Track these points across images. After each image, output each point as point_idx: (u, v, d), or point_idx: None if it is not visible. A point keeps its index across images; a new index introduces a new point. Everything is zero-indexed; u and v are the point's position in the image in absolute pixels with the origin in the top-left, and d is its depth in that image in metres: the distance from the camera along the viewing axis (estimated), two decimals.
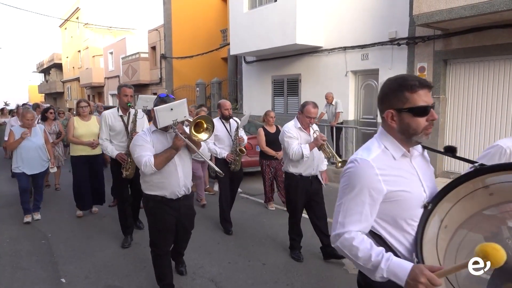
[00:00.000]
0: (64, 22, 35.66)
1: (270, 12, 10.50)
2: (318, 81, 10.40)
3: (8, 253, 4.37)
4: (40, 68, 48.55)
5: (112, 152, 4.48)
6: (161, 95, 3.00)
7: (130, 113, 4.54)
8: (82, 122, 5.60)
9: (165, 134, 2.99)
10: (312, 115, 3.87)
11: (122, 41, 25.35)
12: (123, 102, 4.48)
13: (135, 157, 2.90)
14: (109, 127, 4.51)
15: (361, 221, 1.46)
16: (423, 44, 7.90)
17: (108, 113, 4.54)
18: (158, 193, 3.03)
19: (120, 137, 4.52)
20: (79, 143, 5.52)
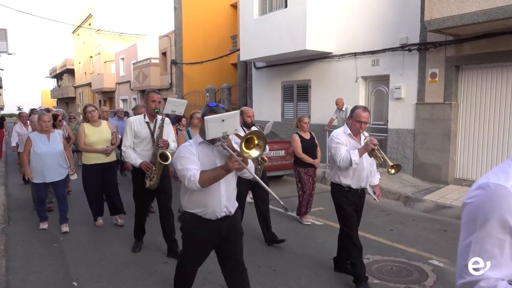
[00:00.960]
0: (77, 28, 36.26)
1: (280, 18, 10.55)
2: (328, 86, 10.38)
3: (21, 256, 4.42)
4: (53, 74, 49.38)
5: (135, 160, 4.24)
6: (211, 104, 2.72)
7: (157, 119, 4.30)
8: (93, 128, 5.30)
9: (211, 147, 2.68)
10: (363, 119, 3.59)
11: (133, 47, 25.66)
12: (150, 108, 4.27)
13: (178, 169, 2.60)
14: (134, 134, 4.30)
15: (500, 265, 1.12)
16: (434, 50, 7.85)
17: (134, 119, 4.36)
18: (196, 211, 2.73)
19: (144, 144, 4.31)
20: (93, 151, 5.23)
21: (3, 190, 7.56)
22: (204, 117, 2.47)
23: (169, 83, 20.36)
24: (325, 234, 5.18)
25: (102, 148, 5.26)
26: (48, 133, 5.12)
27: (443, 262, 4.23)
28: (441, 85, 7.79)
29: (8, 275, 3.87)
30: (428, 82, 8.01)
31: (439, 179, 7.84)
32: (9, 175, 9.43)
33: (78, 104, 39.51)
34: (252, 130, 2.52)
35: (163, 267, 4.09)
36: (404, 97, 8.45)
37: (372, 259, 4.33)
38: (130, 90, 25.92)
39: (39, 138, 5.05)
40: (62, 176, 5.20)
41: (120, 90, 28.16)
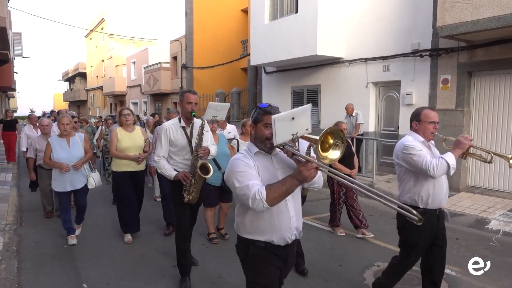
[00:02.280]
0: (90, 33, 36.80)
1: (290, 23, 10.57)
2: (338, 92, 10.35)
3: (32, 257, 4.47)
4: (65, 77, 50.16)
5: (170, 172, 3.71)
6: (262, 105, 2.22)
7: (193, 124, 3.79)
8: (126, 133, 4.93)
9: (268, 156, 2.21)
10: (435, 119, 3.12)
11: (144, 51, 25.95)
12: (186, 111, 3.70)
13: (236, 188, 2.07)
14: (169, 142, 3.75)
15: None
16: (446, 56, 7.78)
17: (169, 125, 3.77)
18: (262, 238, 2.20)
19: (183, 153, 3.76)
20: (124, 158, 4.86)
21: (15, 191, 7.67)
22: (273, 116, 1.94)
23: (180, 87, 20.51)
24: (334, 240, 5.14)
25: (134, 155, 4.90)
26: (68, 137, 4.78)
27: (455, 271, 4.17)
28: (453, 91, 7.72)
29: (19, 275, 3.92)
30: (440, 88, 7.94)
31: (450, 186, 7.63)
32: (21, 177, 9.56)
33: (89, 107, 40.02)
34: (330, 127, 1.97)
35: (172, 271, 4.09)
36: (415, 103, 8.38)
37: (383, 266, 4.28)
38: (141, 94, 26.18)
39: (58, 143, 4.72)
40: (83, 183, 4.85)
41: (131, 93, 28.46)
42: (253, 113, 2.24)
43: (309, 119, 2.10)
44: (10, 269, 3.94)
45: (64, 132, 4.73)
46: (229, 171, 2.16)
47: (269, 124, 2.06)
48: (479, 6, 6.25)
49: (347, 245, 4.94)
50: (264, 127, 2.13)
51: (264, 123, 2.14)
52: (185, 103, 3.69)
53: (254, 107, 15.12)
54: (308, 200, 5.70)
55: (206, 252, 4.68)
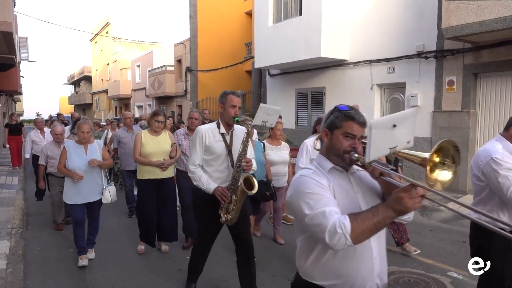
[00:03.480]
0: (95, 36, 37.07)
1: (295, 25, 10.57)
2: (343, 94, 10.32)
3: (38, 261, 4.49)
4: (71, 80, 50.51)
5: (207, 184, 3.19)
6: (342, 107, 1.72)
7: (233, 130, 3.34)
8: (151, 137, 4.51)
9: (345, 175, 1.72)
10: None
11: (149, 55, 26.08)
12: (228, 115, 3.22)
13: (306, 215, 1.55)
14: (204, 149, 3.27)
15: None
16: (452, 57, 7.74)
17: (206, 129, 3.28)
18: (335, 282, 1.67)
19: (219, 163, 3.27)
20: (147, 164, 4.42)
21: (21, 195, 7.72)
22: (371, 122, 1.46)
23: (184, 90, 20.58)
24: None
25: (157, 161, 4.41)
26: (86, 144, 4.32)
27: (462, 274, 4.13)
28: (459, 93, 7.67)
29: (26, 279, 3.93)
30: (445, 90, 7.90)
31: (456, 188, 7.68)
32: (27, 180, 9.61)
33: (94, 110, 40.24)
34: (442, 141, 1.53)
35: (177, 275, 4.09)
36: (420, 105, 8.34)
37: (389, 269, 4.25)
38: (145, 97, 26.28)
39: (75, 149, 4.26)
40: (97, 196, 4.37)
41: (136, 96, 28.58)
42: (327, 116, 1.75)
43: (413, 128, 1.58)
44: (16, 273, 3.95)
45: (83, 140, 4.27)
46: (295, 192, 1.64)
47: (350, 134, 1.64)
48: (484, 7, 6.22)
49: None
50: (344, 136, 1.65)
51: (344, 132, 1.66)
52: (228, 106, 3.22)
53: None
54: None
55: (212, 256, 4.63)
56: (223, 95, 3.30)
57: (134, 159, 4.59)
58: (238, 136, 3.29)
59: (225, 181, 3.24)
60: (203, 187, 3.21)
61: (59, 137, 5.33)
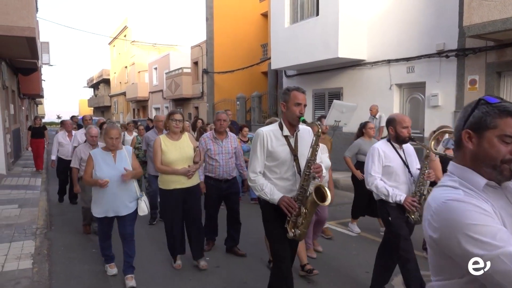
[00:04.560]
0: (113, 40, 37.73)
1: (311, 26, 10.53)
2: (361, 94, 10.22)
3: (62, 261, 4.58)
4: (90, 83, 51.56)
5: (271, 194, 2.78)
6: (491, 99, 1.26)
7: (298, 132, 2.91)
8: (171, 142, 4.09)
9: (500, 191, 1.27)
10: None
11: (166, 57, 26.39)
12: (292, 115, 2.80)
13: (482, 256, 1.07)
14: (266, 154, 2.85)
15: None
16: (474, 56, 7.57)
17: (267, 132, 2.86)
18: None
19: (283, 169, 2.85)
20: (171, 173, 4.03)
21: (45, 196, 7.90)
22: None
23: (201, 92, 20.74)
24: (361, 246, 5.05)
25: (183, 169, 4.04)
26: (115, 151, 3.91)
27: None
28: (482, 92, 7.49)
29: (51, 279, 4.02)
30: (467, 89, 7.72)
31: None
32: (50, 181, 9.84)
33: (113, 112, 40.94)
34: None
35: (199, 276, 4.11)
36: (441, 105, 8.18)
37: None
38: (162, 99, 26.59)
39: (102, 156, 3.86)
40: (130, 209, 3.88)
41: (153, 99, 28.95)
42: (469, 111, 1.29)
43: None
44: (42, 273, 4.04)
45: (111, 147, 3.85)
46: (448, 223, 1.16)
47: (510, 136, 1.20)
48: (508, 4, 6.06)
49: (374, 251, 4.84)
50: (500, 140, 1.21)
51: (501, 134, 1.21)
52: (292, 104, 2.81)
53: (275, 111, 14.99)
54: (333, 204, 5.61)
55: (230, 257, 4.68)
56: (285, 92, 2.88)
57: (156, 169, 4.17)
58: (303, 139, 2.90)
59: (291, 190, 2.84)
60: (266, 197, 2.80)
61: (94, 140, 5.12)
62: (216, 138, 4.64)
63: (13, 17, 6.89)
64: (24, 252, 4.57)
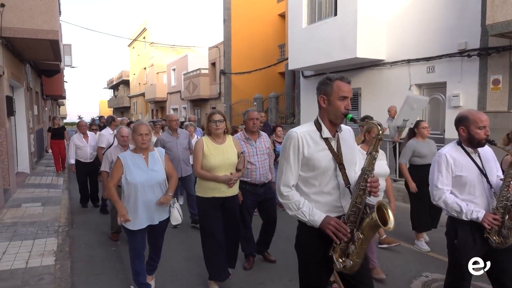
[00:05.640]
0: (133, 42, 38.37)
1: (329, 26, 10.46)
2: (380, 94, 10.09)
3: (83, 259, 4.69)
4: (110, 85, 52.53)
5: (311, 214, 2.16)
6: None
7: (341, 133, 2.29)
8: (214, 146, 3.68)
9: None
10: None
11: (184, 58, 26.67)
12: (335, 111, 2.20)
13: None
14: (301, 162, 2.22)
15: None
16: (497, 55, 7.38)
17: (302, 134, 2.22)
18: None
19: (324, 181, 2.21)
20: (212, 179, 3.63)
21: (66, 195, 8.11)
22: None
23: (218, 93, 20.87)
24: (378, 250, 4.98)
25: (224, 176, 3.64)
26: (146, 153, 3.45)
27: None
28: (505, 92, 7.29)
29: (73, 276, 4.12)
30: (490, 89, 7.53)
31: None
32: (71, 180, 10.07)
33: (132, 113, 41.59)
34: None
35: None
36: (463, 105, 8.00)
37: (431, 277, 4.11)
38: (180, 100, 26.87)
39: (133, 159, 3.38)
40: (163, 217, 3.51)
41: (171, 99, 29.29)
42: None
43: None
44: (64, 269, 4.15)
45: (142, 145, 3.39)
46: None
47: None
48: None
49: (392, 255, 4.78)
50: None
51: None
52: (336, 97, 2.19)
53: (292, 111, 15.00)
54: None
55: None
56: (326, 82, 2.24)
57: (195, 173, 3.78)
58: (346, 141, 2.31)
59: (335, 208, 2.22)
60: (303, 218, 2.18)
61: (125, 140, 4.84)
62: (249, 139, 4.23)
63: (38, 20, 7.09)
64: (47, 249, 4.70)
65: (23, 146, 10.01)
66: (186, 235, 5.53)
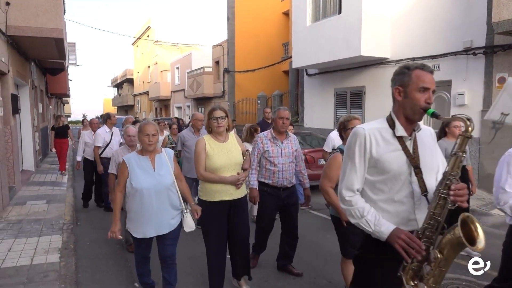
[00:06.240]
0: (137, 40, 38.45)
1: (334, 24, 10.43)
2: (384, 93, 10.04)
3: (88, 256, 4.72)
4: (114, 83, 52.73)
5: (377, 224, 1.83)
6: None
7: (419, 132, 1.95)
8: (217, 144, 3.39)
9: None
10: None
11: (188, 57, 26.70)
12: (415, 106, 1.85)
13: None
14: (368, 163, 1.91)
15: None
16: (503, 53, 7.32)
17: (371, 131, 1.91)
18: None
19: (396, 187, 1.88)
20: (218, 181, 3.33)
21: (71, 192, 8.15)
22: None
23: (222, 91, 20.88)
24: None
25: (232, 176, 3.36)
26: (153, 155, 3.16)
27: None
28: None
29: (77, 273, 4.15)
30: (496, 88, 7.48)
31: None
32: (76, 178, 10.12)
33: (136, 111, 41.72)
34: None
35: None
36: (468, 104, 7.95)
37: None
38: (184, 98, 26.92)
39: (138, 162, 3.10)
40: (172, 226, 3.18)
41: (175, 98, 29.34)
42: None
43: None
44: (69, 267, 4.17)
45: (148, 147, 3.08)
46: None
47: None
48: None
49: None
50: None
51: None
52: (414, 88, 1.83)
53: (296, 110, 15.01)
54: None
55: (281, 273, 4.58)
56: (403, 71, 1.89)
57: (198, 176, 3.43)
58: (424, 143, 1.95)
59: (407, 220, 1.88)
60: (368, 229, 1.85)
61: (132, 140, 4.61)
62: (276, 139, 3.98)
63: (43, 19, 7.12)
64: (52, 246, 4.74)
65: (28, 144, 10.07)
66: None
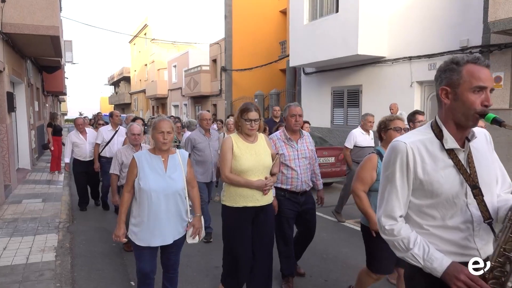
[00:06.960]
0: (133, 38, 38.33)
1: (331, 23, 10.43)
2: (381, 92, 10.07)
3: (84, 254, 4.70)
4: (111, 81, 52.57)
5: (428, 258, 1.47)
6: None
7: (473, 139, 1.55)
8: (245, 145, 3.07)
9: None
10: None
11: (185, 55, 26.65)
12: (468, 110, 1.47)
13: None
14: (413, 184, 1.55)
15: None
16: (499, 52, 7.35)
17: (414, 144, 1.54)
18: None
19: (450, 212, 1.52)
20: (244, 185, 3.01)
21: (67, 191, 8.12)
22: None
23: (219, 90, 20.85)
24: None
25: (259, 181, 3.03)
26: (166, 155, 2.85)
27: None
28: (507, 90, 7.27)
29: (73, 272, 4.13)
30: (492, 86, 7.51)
31: None
32: (72, 176, 10.07)
33: (133, 109, 41.63)
34: None
35: (215, 271, 4.15)
36: None
37: None
38: (181, 97, 26.88)
39: (149, 161, 2.81)
40: (179, 234, 2.91)
41: (172, 96, 29.30)
42: None
43: None
44: (64, 265, 4.16)
45: (163, 146, 2.78)
46: None
47: None
48: None
49: None
50: None
51: None
52: (465, 88, 1.48)
53: None
54: (349, 203, 5.57)
55: None
56: (449, 66, 1.54)
57: (223, 178, 3.09)
58: (481, 152, 1.60)
59: (465, 248, 1.52)
60: (417, 264, 1.50)
61: (137, 138, 4.36)
62: (290, 140, 3.61)
63: (39, 16, 7.08)
64: (48, 245, 4.72)
65: (24, 142, 10.01)
66: None
